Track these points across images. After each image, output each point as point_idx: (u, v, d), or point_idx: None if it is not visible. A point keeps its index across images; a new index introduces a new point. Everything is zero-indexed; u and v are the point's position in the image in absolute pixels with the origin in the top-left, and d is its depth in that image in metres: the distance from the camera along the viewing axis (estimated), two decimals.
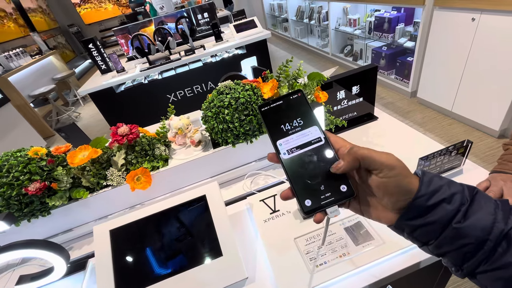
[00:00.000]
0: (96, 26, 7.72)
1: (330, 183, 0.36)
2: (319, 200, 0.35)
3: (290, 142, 0.38)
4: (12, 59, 4.20)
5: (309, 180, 0.36)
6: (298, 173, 0.37)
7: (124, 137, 0.83)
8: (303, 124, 0.39)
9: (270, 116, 0.40)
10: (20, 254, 0.65)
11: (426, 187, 0.33)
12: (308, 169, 0.37)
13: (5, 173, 0.74)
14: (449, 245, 0.33)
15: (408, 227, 0.34)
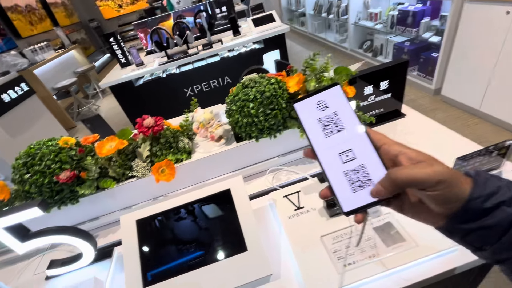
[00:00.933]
0: (115, 21, 7.88)
1: (371, 182, 0.33)
2: (359, 199, 0.33)
3: (327, 139, 0.36)
4: (37, 53, 4.37)
5: (349, 179, 0.34)
6: (336, 171, 0.35)
7: (150, 129, 0.83)
8: (341, 119, 0.36)
9: (306, 111, 0.38)
10: (52, 240, 0.68)
11: (481, 189, 0.30)
12: (347, 167, 0.34)
13: (38, 161, 0.76)
14: (509, 251, 0.30)
15: (460, 231, 0.32)
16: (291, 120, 0.86)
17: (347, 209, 0.34)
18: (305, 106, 0.38)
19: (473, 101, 2.37)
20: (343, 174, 0.34)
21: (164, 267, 0.65)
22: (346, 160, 0.35)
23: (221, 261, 0.64)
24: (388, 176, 0.32)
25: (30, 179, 0.75)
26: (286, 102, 0.85)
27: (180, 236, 0.69)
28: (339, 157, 0.35)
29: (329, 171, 0.35)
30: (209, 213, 0.71)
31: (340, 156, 0.35)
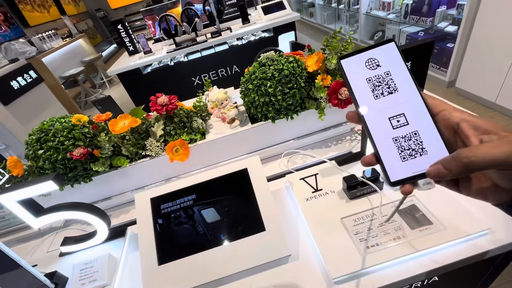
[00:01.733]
0: (122, 11, 7.83)
1: (425, 153, 0.30)
2: (409, 169, 0.30)
3: (377, 101, 0.33)
4: (45, 41, 4.37)
5: (401, 149, 0.31)
6: (385, 137, 0.32)
7: (164, 107, 0.81)
8: (394, 79, 0.33)
9: (354, 69, 0.34)
10: (66, 216, 0.67)
11: None
12: (398, 133, 0.31)
13: (51, 137, 0.75)
14: None
15: None
16: (310, 101, 0.83)
17: (394, 179, 0.31)
18: (353, 63, 0.34)
19: (489, 94, 2.29)
20: (393, 140, 0.31)
21: (179, 245, 0.64)
22: (397, 125, 0.32)
23: (238, 240, 0.63)
24: (457, 159, 0.26)
25: (44, 155, 0.74)
26: (305, 81, 0.82)
27: (196, 215, 0.67)
28: (389, 122, 0.32)
29: (377, 136, 0.32)
30: (226, 192, 0.69)
31: (391, 121, 0.32)
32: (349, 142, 0.92)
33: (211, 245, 0.63)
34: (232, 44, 2.75)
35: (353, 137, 0.93)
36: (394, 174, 0.31)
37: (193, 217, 0.66)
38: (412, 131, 0.31)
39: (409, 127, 0.31)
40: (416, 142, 0.31)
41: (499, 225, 0.58)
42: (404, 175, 0.30)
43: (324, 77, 0.80)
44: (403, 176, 0.30)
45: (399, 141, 0.31)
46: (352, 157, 0.82)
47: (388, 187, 0.70)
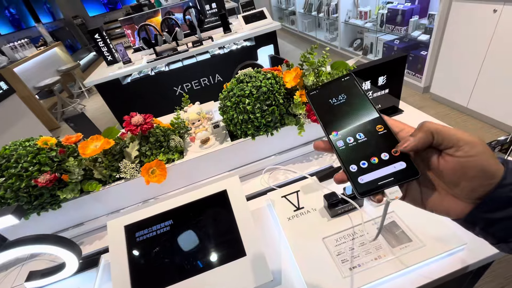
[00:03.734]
0: (101, 18, 7.64)
1: (389, 164, 0.32)
2: (376, 180, 0.31)
3: (343, 126, 0.35)
4: (17, 50, 4.16)
5: (365, 162, 0.33)
6: (352, 157, 0.33)
7: (138, 127, 0.78)
8: (356, 106, 0.36)
9: (320, 101, 0.38)
10: (30, 250, 0.61)
11: (511, 176, 0.27)
12: (364, 153, 0.33)
13: (14, 164, 0.69)
14: None
15: (483, 221, 0.29)
16: (289, 117, 0.82)
17: (360, 190, 0.31)
18: (319, 95, 0.38)
19: (461, 99, 2.41)
20: (359, 158, 0.33)
21: (156, 275, 0.60)
22: (361, 144, 0.34)
23: (218, 267, 0.60)
24: (420, 126, 0.31)
25: (5, 183, 0.68)
26: (284, 97, 0.81)
27: (173, 242, 0.64)
28: (353, 142, 0.34)
29: (344, 155, 0.34)
30: (205, 216, 0.66)
31: (356, 141, 0.34)
32: (329, 156, 0.92)
33: (189, 274, 0.60)
34: (214, 53, 2.73)
35: None
36: (360, 184, 0.32)
37: (170, 245, 0.63)
38: (375, 148, 0.33)
39: (375, 146, 0.33)
40: (380, 157, 0.33)
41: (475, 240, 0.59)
42: (370, 186, 0.32)
43: (302, 93, 0.80)
44: (370, 187, 0.32)
45: (364, 158, 0.33)
46: (333, 172, 0.81)
47: (369, 204, 0.70)
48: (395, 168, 0.31)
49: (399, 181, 0.31)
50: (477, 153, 0.28)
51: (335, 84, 0.39)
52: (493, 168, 0.28)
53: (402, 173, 0.31)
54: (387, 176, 0.31)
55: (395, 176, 0.31)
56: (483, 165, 0.28)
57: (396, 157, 0.32)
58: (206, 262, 0.61)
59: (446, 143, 0.29)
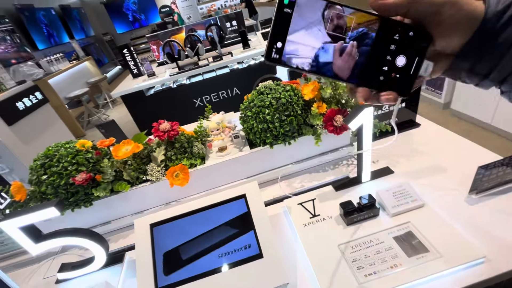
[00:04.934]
0: (128, 35, 8.17)
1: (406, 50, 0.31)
2: (407, 69, 0.31)
3: None
4: (53, 63, 4.53)
5: (390, 61, 0.31)
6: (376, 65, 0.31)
7: (165, 133, 0.84)
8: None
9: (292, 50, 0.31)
10: (65, 241, 0.67)
11: (494, 7, 0.28)
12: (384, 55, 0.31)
13: (55, 163, 0.77)
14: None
15: (468, 62, 0.30)
16: (306, 127, 0.86)
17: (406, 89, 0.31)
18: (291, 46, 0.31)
19: (485, 115, 2.34)
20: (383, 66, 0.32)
21: (177, 273, 0.64)
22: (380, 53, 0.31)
23: (236, 267, 0.63)
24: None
25: (47, 180, 0.76)
26: (301, 109, 0.85)
27: (194, 242, 0.67)
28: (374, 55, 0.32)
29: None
30: (225, 218, 0.70)
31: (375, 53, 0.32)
32: (345, 166, 0.94)
33: (209, 273, 0.63)
34: (233, 67, 2.85)
35: (350, 162, 0.95)
36: (404, 85, 0.32)
37: (191, 244, 0.67)
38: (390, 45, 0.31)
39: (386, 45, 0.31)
40: (398, 50, 0.31)
41: (495, 253, 0.58)
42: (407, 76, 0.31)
43: (319, 105, 0.84)
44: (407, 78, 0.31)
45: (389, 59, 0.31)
46: (349, 182, 0.83)
47: (385, 214, 0.71)
48: (413, 49, 0.30)
49: (423, 54, 0.30)
50: (457, 9, 0.28)
51: None
52: (473, 11, 0.28)
53: (420, 46, 0.30)
54: (411, 60, 0.30)
55: (418, 55, 0.30)
56: (462, 15, 0.28)
57: (406, 44, 0.30)
58: (225, 261, 0.64)
59: (425, 12, 0.29)
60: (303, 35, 0.30)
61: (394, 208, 0.69)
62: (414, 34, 0.30)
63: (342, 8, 0.30)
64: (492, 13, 0.28)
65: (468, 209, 0.69)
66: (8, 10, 4.76)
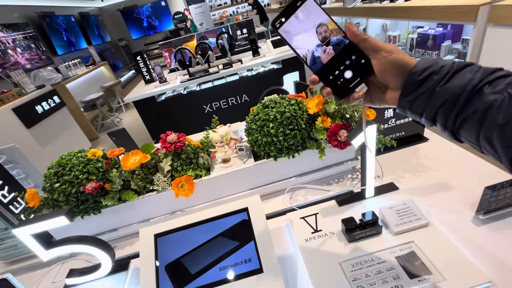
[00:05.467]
0: (142, 40, 8.42)
1: (353, 69, 0.44)
2: (347, 83, 0.44)
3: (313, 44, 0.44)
4: (71, 68, 4.71)
5: (337, 71, 0.44)
6: (327, 71, 0.44)
7: (172, 144, 0.86)
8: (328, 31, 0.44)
9: (289, 31, 0.44)
10: (74, 249, 0.70)
11: (419, 66, 0.39)
12: (335, 65, 0.44)
13: (68, 172, 0.81)
14: (434, 107, 0.39)
15: (407, 103, 0.41)
16: (310, 141, 0.86)
17: (340, 94, 0.45)
18: (286, 26, 0.44)
19: None
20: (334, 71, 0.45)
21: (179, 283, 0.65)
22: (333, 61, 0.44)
23: (236, 281, 0.63)
24: (360, 35, 0.42)
25: (59, 188, 0.79)
26: (306, 123, 0.86)
27: (196, 254, 0.69)
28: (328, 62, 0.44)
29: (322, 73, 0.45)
30: (226, 231, 0.71)
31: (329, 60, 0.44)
32: (350, 180, 0.93)
33: (209, 286, 0.64)
34: (242, 75, 2.89)
35: (354, 176, 0.95)
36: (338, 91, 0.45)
37: (192, 256, 0.68)
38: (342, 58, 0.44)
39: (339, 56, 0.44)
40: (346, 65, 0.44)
41: (502, 277, 0.57)
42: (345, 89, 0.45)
43: (324, 119, 0.84)
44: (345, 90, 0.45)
45: (336, 69, 0.45)
46: (352, 197, 0.83)
47: (388, 232, 0.70)
48: (358, 71, 0.43)
49: (363, 78, 0.44)
50: (391, 53, 0.40)
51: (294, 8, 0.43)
52: (403, 60, 0.40)
53: (363, 72, 0.43)
54: (354, 78, 0.43)
55: (361, 76, 0.43)
56: (396, 60, 0.40)
57: (356, 65, 0.43)
58: (225, 275, 0.65)
59: (370, 48, 0.42)
60: (297, 23, 0.43)
61: (397, 227, 0.69)
62: (364, 62, 0.43)
63: (327, 24, 0.43)
64: (417, 69, 0.39)
65: (475, 230, 0.68)
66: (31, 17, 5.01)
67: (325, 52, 0.44)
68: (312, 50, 0.44)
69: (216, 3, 8.54)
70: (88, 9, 7.37)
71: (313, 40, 0.44)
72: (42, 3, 5.40)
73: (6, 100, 2.93)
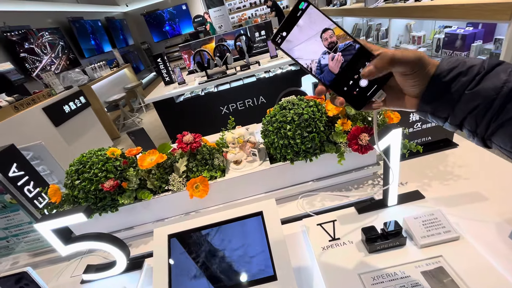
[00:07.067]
0: (163, 43, 8.68)
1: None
2: (364, 92, 0.40)
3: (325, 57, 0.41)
4: (96, 70, 4.94)
5: (352, 81, 0.41)
6: (342, 81, 0.41)
7: (188, 145, 0.86)
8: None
9: (293, 45, 0.41)
10: (91, 245, 0.71)
11: (444, 66, 0.35)
12: (350, 75, 0.41)
13: (88, 169, 0.83)
14: (463, 111, 0.35)
15: (430, 107, 0.38)
16: (329, 144, 0.83)
17: (357, 105, 0.42)
18: (292, 41, 0.41)
19: None
20: (348, 81, 0.41)
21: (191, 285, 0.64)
22: (347, 71, 0.41)
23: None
24: (383, 56, 0.37)
25: (80, 185, 0.82)
26: (325, 125, 0.82)
27: (208, 258, 0.67)
28: (340, 71, 0.41)
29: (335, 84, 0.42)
30: (240, 235, 0.69)
31: (341, 70, 0.41)
32: (371, 187, 0.88)
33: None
34: (259, 76, 2.88)
35: (376, 182, 0.90)
36: (355, 102, 0.42)
37: (205, 260, 0.67)
38: (356, 68, 0.41)
39: (354, 66, 0.41)
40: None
41: None
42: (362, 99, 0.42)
43: (344, 121, 0.81)
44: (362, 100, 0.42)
45: (351, 78, 0.41)
46: (373, 205, 0.78)
47: (412, 244, 0.65)
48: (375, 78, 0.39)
49: (381, 84, 0.40)
50: (420, 67, 0.36)
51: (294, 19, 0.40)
52: (428, 71, 0.36)
53: (381, 78, 0.39)
54: (371, 85, 0.40)
55: (378, 83, 0.40)
56: (422, 75, 0.37)
57: None
58: (237, 281, 0.63)
59: (400, 64, 0.36)
60: (300, 33, 0.41)
61: (424, 239, 0.64)
62: None
63: (333, 31, 0.40)
64: (441, 69, 0.36)
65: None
66: (62, 22, 5.33)
67: (334, 59, 0.40)
68: (320, 60, 0.41)
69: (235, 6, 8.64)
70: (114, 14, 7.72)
71: (320, 50, 0.40)
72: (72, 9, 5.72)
73: (38, 100, 3.11)
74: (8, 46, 3.98)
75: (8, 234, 0.92)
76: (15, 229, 0.92)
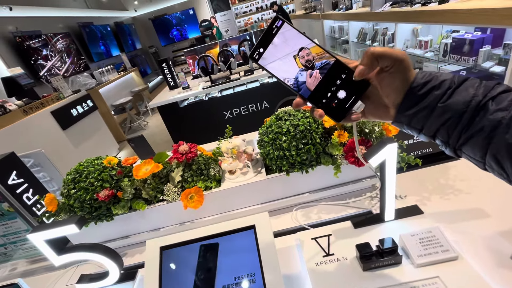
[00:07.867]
0: (170, 47, 8.80)
1: (346, 89, 0.40)
2: (343, 103, 0.41)
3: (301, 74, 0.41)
4: (104, 74, 5.04)
5: (330, 93, 0.41)
6: (320, 94, 0.41)
7: (184, 155, 0.86)
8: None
9: (270, 60, 0.41)
10: (84, 256, 0.71)
11: (419, 80, 0.37)
12: (328, 87, 0.41)
13: (84, 178, 0.83)
14: (436, 123, 0.37)
15: (406, 118, 0.39)
16: (325, 156, 0.81)
17: (337, 118, 0.41)
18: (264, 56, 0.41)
19: None
20: (326, 94, 0.41)
21: None
22: (325, 84, 0.41)
23: None
24: (367, 52, 0.37)
25: (75, 194, 0.82)
26: (321, 137, 0.81)
27: (199, 271, 0.66)
28: (318, 84, 0.41)
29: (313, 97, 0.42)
30: (231, 249, 0.68)
31: (319, 83, 0.41)
32: (368, 199, 0.86)
33: None
34: (263, 81, 2.88)
35: (374, 194, 0.88)
36: (334, 115, 0.42)
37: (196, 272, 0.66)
38: (334, 80, 0.41)
39: (331, 79, 0.41)
40: (338, 86, 0.41)
41: None
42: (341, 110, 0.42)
43: (341, 133, 0.79)
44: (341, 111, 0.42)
45: (329, 91, 0.41)
46: (370, 219, 0.76)
47: (408, 262, 0.63)
48: (352, 89, 0.40)
49: (359, 94, 0.40)
50: (404, 67, 0.37)
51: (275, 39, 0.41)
52: (409, 77, 0.37)
53: (358, 89, 0.40)
54: (349, 96, 0.40)
55: (356, 94, 0.40)
56: (405, 77, 0.37)
57: (349, 83, 0.40)
58: None
59: (387, 62, 0.37)
60: (276, 50, 0.41)
61: (421, 258, 0.61)
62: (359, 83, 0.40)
63: (309, 49, 0.41)
64: (417, 83, 0.37)
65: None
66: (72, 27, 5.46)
67: (311, 76, 0.41)
68: (297, 77, 0.41)
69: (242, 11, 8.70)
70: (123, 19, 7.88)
71: (296, 66, 0.41)
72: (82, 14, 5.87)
73: (46, 104, 3.18)
74: (20, 51, 4.09)
75: (6, 241, 0.94)
76: (13, 236, 0.93)
